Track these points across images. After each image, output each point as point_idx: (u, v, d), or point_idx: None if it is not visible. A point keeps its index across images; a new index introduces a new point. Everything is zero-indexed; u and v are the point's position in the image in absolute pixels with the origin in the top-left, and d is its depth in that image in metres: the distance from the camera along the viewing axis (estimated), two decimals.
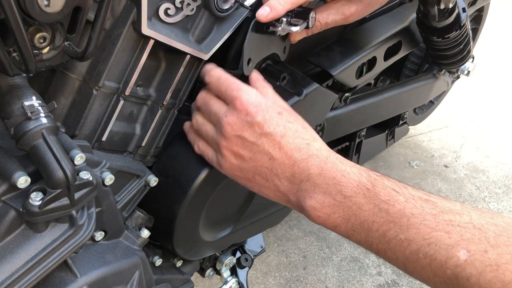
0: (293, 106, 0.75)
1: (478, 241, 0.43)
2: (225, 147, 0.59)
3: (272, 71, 0.76)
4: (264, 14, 0.61)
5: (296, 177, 0.55)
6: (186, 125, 0.69)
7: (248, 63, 0.67)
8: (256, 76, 0.66)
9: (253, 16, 0.65)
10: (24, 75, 0.49)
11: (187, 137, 0.68)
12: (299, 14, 0.65)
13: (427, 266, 0.45)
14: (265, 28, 0.65)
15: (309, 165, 0.55)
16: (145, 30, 0.54)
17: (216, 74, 0.63)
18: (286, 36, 0.74)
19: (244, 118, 0.57)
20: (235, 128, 0.57)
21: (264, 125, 0.57)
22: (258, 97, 0.59)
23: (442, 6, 0.88)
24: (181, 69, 0.63)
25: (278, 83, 0.76)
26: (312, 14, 0.65)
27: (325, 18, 0.69)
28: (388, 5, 1.01)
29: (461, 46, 1.02)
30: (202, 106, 0.64)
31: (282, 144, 0.56)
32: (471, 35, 1.04)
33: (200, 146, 0.65)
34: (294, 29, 0.64)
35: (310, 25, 0.66)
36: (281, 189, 0.57)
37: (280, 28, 0.64)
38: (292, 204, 0.58)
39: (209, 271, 0.97)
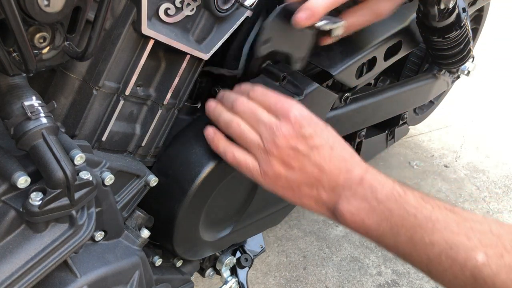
0: None
1: (495, 247, 0.47)
2: (276, 157, 0.60)
3: (272, 71, 0.76)
4: (302, 19, 0.60)
5: (340, 186, 0.58)
6: (210, 132, 0.66)
7: (264, 43, 0.63)
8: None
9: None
10: (24, 75, 0.49)
11: (211, 145, 0.66)
12: (327, 19, 0.63)
13: (449, 269, 0.49)
14: (291, 15, 0.62)
15: (352, 175, 0.58)
16: (145, 30, 0.55)
17: (260, 89, 0.65)
18: (310, 43, 0.71)
19: (298, 131, 0.59)
20: (290, 139, 0.59)
21: (316, 138, 0.60)
22: (307, 111, 0.62)
23: (442, 6, 0.88)
24: (181, 69, 0.63)
25: (278, 83, 0.76)
26: (340, 23, 0.62)
27: (358, 20, 0.69)
28: None
29: (461, 46, 1.02)
30: (247, 112, 0.63)
31: (331, 156, 0.59)
32: (471, 35, 1.03)
33: (237, 155, 0.63)
34: (329, 26, 0.61)
35: (334, 34, 0.63)
36: (323, 197, 0.60)
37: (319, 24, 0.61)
38: (329, 212, 0.60)
39: (209, 271, 0.97)
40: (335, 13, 0.68)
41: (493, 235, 0.48)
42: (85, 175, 0.51)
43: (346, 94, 0.92)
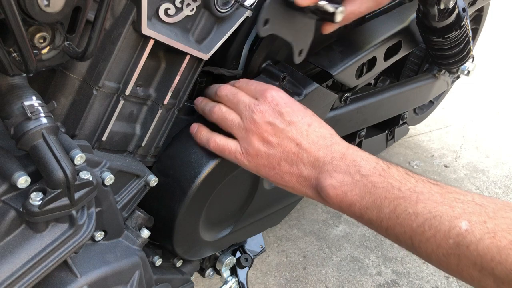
0: None
1: (478, 214, 0.47)
2: (254, 133, 0.62)
3: (272, 71, 0.76)
4: None
5: (320, 161, 0.59)
6: (194, 126, 0.69)
7: (264, 24, 0.63)
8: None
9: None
10: (24, 75, 0.49)
11: (195, 138, 0.68)
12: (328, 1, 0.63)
13: (432, 238, 0.49)
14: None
15: (332, 150, 0.59)
16: (145, 30, 0.55)
17: (244, 79, 0.69)
18: (310, 35, 0.71)
19: (275, 108, 0.62)
20: (266, 115, 0.61)
21: (293, 114, 0.62)
22: (286, 95, 0.64)
23: (442, 6, 0.88)
24: (181, 69, 0.63)
25: (278, 83, 0.76)
26: (340, 9, 0.62)
27: (358, 7, 0.69)
28: (388, 5, 1.01)
29: (461, 46, 1.02)
30: (228, 95, 0.66)
31: (309, 132, 0.61)
32: (471, 35, 1.04)
33: (218, 140, 0.65)
34: (331, 8, 0.61)
35: (337, 19, 0.63)
36: (304, 173, 0.60)
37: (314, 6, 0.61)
38: (311, 189, 0.61)
39: (209, 271, 0.97)
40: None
41: (476, 204, 0.49)
42: (85, 175, 0.51)
43: (346, 94, 0.92)
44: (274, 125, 0.61)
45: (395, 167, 0.56)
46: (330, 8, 0.62)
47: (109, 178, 0.59)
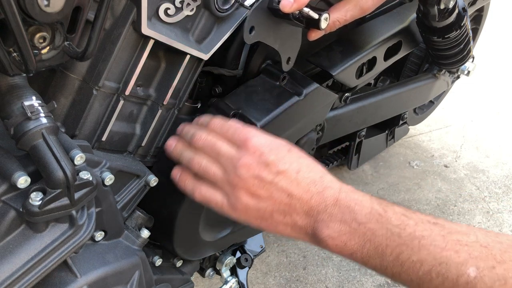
0: (293, 106, 0.75)
1: (485, 258, 0.46)
2: (241, 188, 0.58)
3: (272, 71, 0.76)
4: (288, 4, 0.60)
5: (314, 210, 0.56)
6: (176, 172, 0.65)
7: (250, 31, 0.64)
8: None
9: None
10: (24, 75, 0.49)
11: (179, 185, 0.64)
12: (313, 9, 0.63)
13: (440, 285, 0.48)
14: (276, 3, 0.62)
15: (325, 196, 0.56)
16: (145, 30, 0.54)
17: (218, 121, 0.64)
18: (297, 44, 0.72)
19: (259, 159, 0.58)
20: (251, 169, 0.58)
21: (279, 163, 0.58)
22: (267, 138, 0.60)
23: (442, 6, 0.88)
24: (181, 69, 0.63)
25: (278, 83, 0.76)
26: (324, 16, 0.63)
27: (343, 15, 0.69)
28: (388, 5, 1.01)
29: (461, 46, 1.02)
30: (206, 147, 0.62)
31: (298, 180, 0.57)
32: (471, 35, 1.04)
33: (204, 192, 0.62)
34: (315, 15, 0.62)
35: (322, 27, 0.64)
36: (299, 223, 0.58)
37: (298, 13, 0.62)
38: (308, 237, 0.59)
39: (209, 271, 0.97)
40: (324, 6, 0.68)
41: (481, 246, 0.47)
42: (85, 175, 0.51)
43: (346, 94, 0.92)
44: (261, 178, 0.57)
45: (391, 209, 0.54)
46: (314, 15, 0.62)
47: (109, 178, 0.59)
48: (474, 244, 0.48)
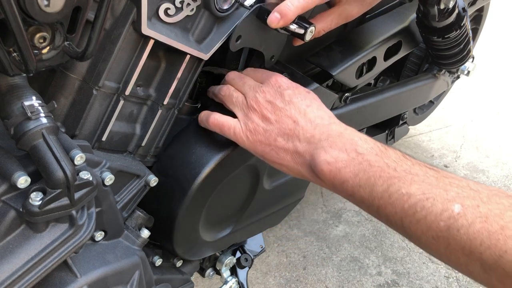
0: None
1: (472, 198, 0.47)
2: (255, 110, 0.64)
3: (272, 71, 0.76)
4: (274, 21, 0.64)
5: (316, 137, 0.60)
6: (200, 115, 0.71)
7: (236, 40, 0.66)
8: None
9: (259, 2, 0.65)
10: (24, 75, 0.49)
11: (199, 122, 0.70)
12: (299, 24, 0.66)
13: (422, 219, 0.49)
14: (265, 15, 0.65)
15: (329, 129, 0.60)
16: (145, 30, 0.55)
17: (252, 68, 0.73)
18: (281, 44, 0.74)
19: (277, 89, 0.65)
20: (268, 95, 0.65)
21: (293, 96, 0.64)
22: (290, 81, 0.67)
23: (442, 6, 0.88)
24: (181, 69, 0.63)
25: None
26: (310, 29, 0.66)
27: (329, 24, 0.72)
28: (388, 5, 1.01)
29: (461, 46, 1.02)
30: (235, 79, 0.69)
31: (307, 112, 0.63)
32: (471, 35, 1.04)
33: (218, 117, 0.67)
34: (299, 30, 0.65)
35: (306, 39, 0.67)
36: (299, 149, 0.61)
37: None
38: (305, 166, 0.61)
39: (209, 271, 0.97)
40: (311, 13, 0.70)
41: (471, 189, 0.48)
42: (85, 175, 0.51)
43: (346, 94, 0.92)
44: (274, 104, 0.64)
45: (392, 150, 0.56)
46: (300, 30, 0.66)
47: (109, 178, 0.59)
48: (465, 187, 0.49)
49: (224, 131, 0.66)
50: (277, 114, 0.63)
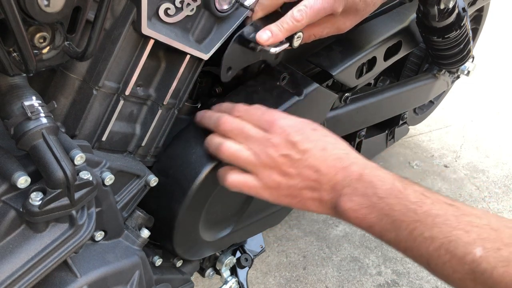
0: (293, 106, 0.75)
1: (493, 240, 0.48)
2: (272, 168, 0.62)
3: (272, 71, 0.76)
4: (264, 38, 0.64)
5: (339, 184, 0.59)
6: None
7: (227, 71, 0.67)
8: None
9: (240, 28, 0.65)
10: (24, 75, 0.49)
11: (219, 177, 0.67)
12: None
13: (448, 262, 0.50)
14: (246, 44, 0.66)
15: (350, 172, 0.59)
16: (145, 30, 0.54)
17: (242, 107, 0.67)
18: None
19: (287, 138, 0.62)
20: (280, 148, 0.61)
21: (306, 142, 0.62)
22: (292, 119, 0.64)
23: (442, 6, 0.88)
24: (181, 69, 0.63)
25: (278, 83, 0.76)
26: (298, 35, 0.66)
27: (320, 31, 0.72)
28: (388, 5, 1.01)
29: (461, 46, 1.02)
30: (234, 130, 0.65)
31: (325, 157, 0.61)
32: (471, 35, 1.04)
33: (236, 178, 0.64)
34: (273, 50, 0.65)
35: (294, 45, 0.67)
36: (325, 198, 0.61)
37: (259, 47, 0.66)
38: (332, 211, 0.61)
39: (209, 271, 0.97)
40: None
41: (492, 229, 0.49)
42: (85, 175, 0.51)
43: (346, 94, 0.92)
44: (290, 157, 0.61)
45: (411, 187, 0.56)
46: (272, 50, 0.65)
47: (109, 178, 0.59)
48: (485, 227, 0.49)
49: (246, 191, 0.65)
50: (296, 167, 0.61)
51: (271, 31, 0.64)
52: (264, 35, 0.63)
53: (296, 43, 0.67)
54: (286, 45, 0.66)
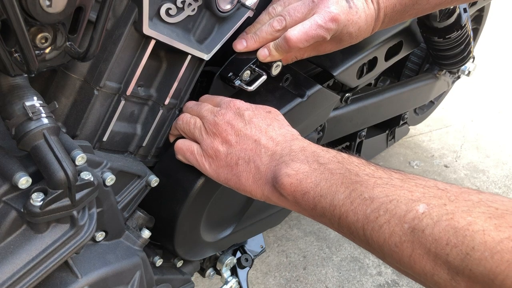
0: (296, 107, 0.75)
1: (439, 198, 0.44)
2: (215, 134, 0.63)
3: None
4: (264, 55, 0.67)
5: (277, 154, 0.59)
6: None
7: None
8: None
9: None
10: (26, 75, 0.49)
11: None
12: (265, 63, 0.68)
13: (385, 224, 0.46)
14: (227, 81, 0.69)
15: (292, 144, 0.59)
16: (147, 30, 0.54)
17: (208, 95, 0.71)
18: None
19: (236, 111, 0.64)
20: (227, 116, 0.63)
21: (253, 116, 0.63)
22: (249, 104, 0.66)
23: None
24: (182, 69, 0.63)
25: (280, 84, 0.76)
26: (276, 64, 0.68)
27: (302, 54, 0.74)
28: None
29: (462, 46, 1.02)
30: (193, 107, 0.68)
31: (268, 130, 0.62)
32: (471, 35, 1.04)
33: (181, 143, 0.66)
34: (249, 88, 0.68)
35: (273, 74, 0.69)
36: (260, 168, 0.59)
37: (237, 85, 0.68)
38: (268, 185, 0.59)
39: (210, 271, 0.97)
40: None
41: (438, 189, 0.46)
42: (86, 175, 0.51)
43: (347, 95, 0.92)
44: (233, 125, 0.62)
45: (356, 157, 0.54)
46: (248, 88, 0.68)
47: (110, 179, 0.59)
48: (432, 187, 0.46)
49: (188, 157, 0.65)
50: (237, 135, 0.62)
51: (269, 49, 0.66)
52: (263, 53, 0.67)
53: (275, 71, 0.69)
54: (264, 77, 0.69)
